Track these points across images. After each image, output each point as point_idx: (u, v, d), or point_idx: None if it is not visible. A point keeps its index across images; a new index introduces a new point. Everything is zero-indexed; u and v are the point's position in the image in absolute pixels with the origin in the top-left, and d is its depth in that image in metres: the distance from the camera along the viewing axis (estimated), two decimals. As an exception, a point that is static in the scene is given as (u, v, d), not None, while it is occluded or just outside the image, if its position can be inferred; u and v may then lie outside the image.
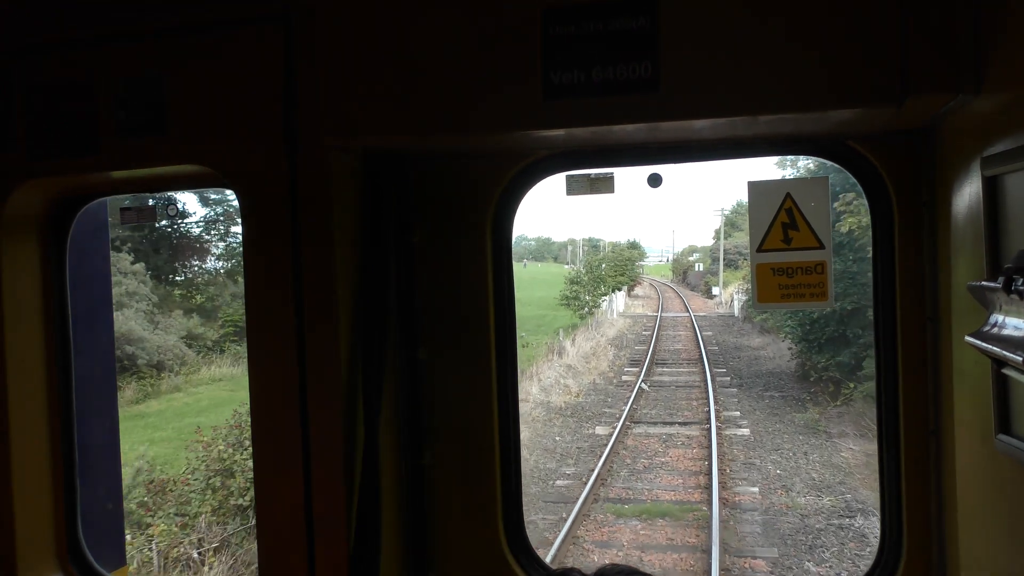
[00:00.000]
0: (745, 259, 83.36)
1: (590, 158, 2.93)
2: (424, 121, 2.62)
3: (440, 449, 3.08)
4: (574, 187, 2.95)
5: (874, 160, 2.69)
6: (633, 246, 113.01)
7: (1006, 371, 1.74)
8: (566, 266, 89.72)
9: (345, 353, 2.72)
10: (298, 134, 2.68)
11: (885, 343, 2.75)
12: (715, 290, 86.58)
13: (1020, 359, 1.48)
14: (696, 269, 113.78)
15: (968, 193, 2.23)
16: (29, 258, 3.16)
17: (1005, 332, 1.66)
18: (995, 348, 1.65)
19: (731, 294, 78.32)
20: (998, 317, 1.73)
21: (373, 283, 2.81)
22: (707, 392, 30.18)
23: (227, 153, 2.78)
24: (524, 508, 3.19)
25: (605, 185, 2.93)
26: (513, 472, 3.10)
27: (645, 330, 53.45)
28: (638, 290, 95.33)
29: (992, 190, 2.03)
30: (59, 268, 3.27)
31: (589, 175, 2.96)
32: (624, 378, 34.33)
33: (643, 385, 31.48)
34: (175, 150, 2.82)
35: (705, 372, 34.07)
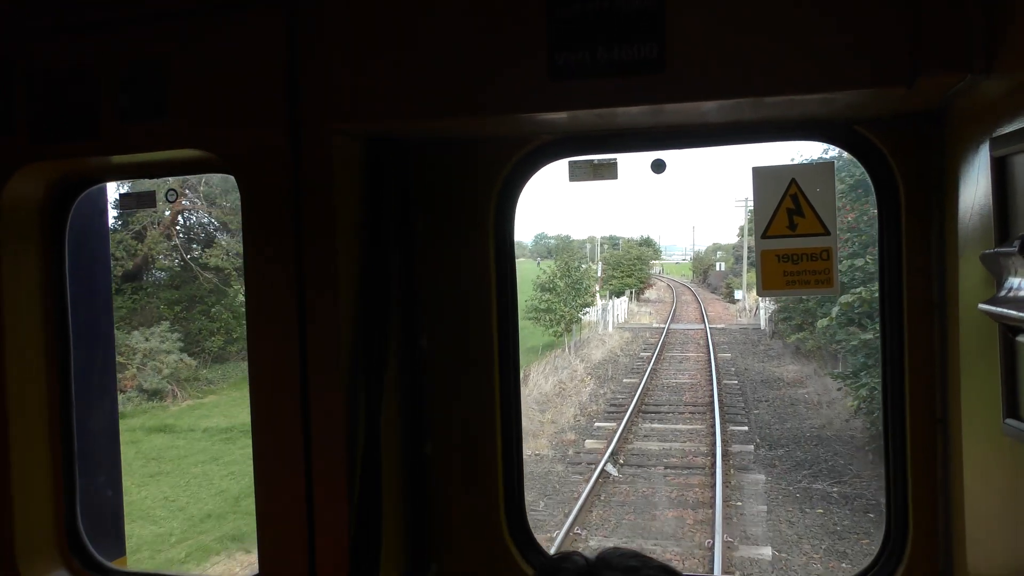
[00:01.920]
0: (773, 257, 71.20)
1: (594, 143, 2.93)
2: (427, 104, 2.60)
3: (442, 439, 3.07)
4: (577, 173, 2.97)
5: (881, 145, 2.67)
6: (646, 243, 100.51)
7: (1020, 339, 1.73)
8: (592, 264, 78.82)
9: (347, 342, 2.71)
10: (300, 118, 2.67)
11: (892, 331, 2.73)
12: (738, 294, 73.98)
13: None
14: (717, 269, 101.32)
15: (977, 177, 2.22)
16: (29, 243, 3.17)
17: (1022, 294, 1.64)
18: (1012, 311, 1.63)
19: (756, 299, 65.81)
20: (1014, 281, 1.73)
21: (375, 271, 2.81)
22: (714, 479, 18.19)
23: (228, 138, 2.77)
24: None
25: (608, 171, 2.95)
26: (515, 462, 3.09)
27: (645, 350, 41.29)
28: (649, 293, 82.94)
29: (1001, 171, 2.04)
30: (59, 253, 3.26)
31: (592, 161, 2.96)
32: (588, 444, 22.35)
33: (610, 467, 19.34)
34: (176, 135, 2.82)
35: (715, 434, 22.02)
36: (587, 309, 44.87)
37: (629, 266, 77.69)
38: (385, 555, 2.74)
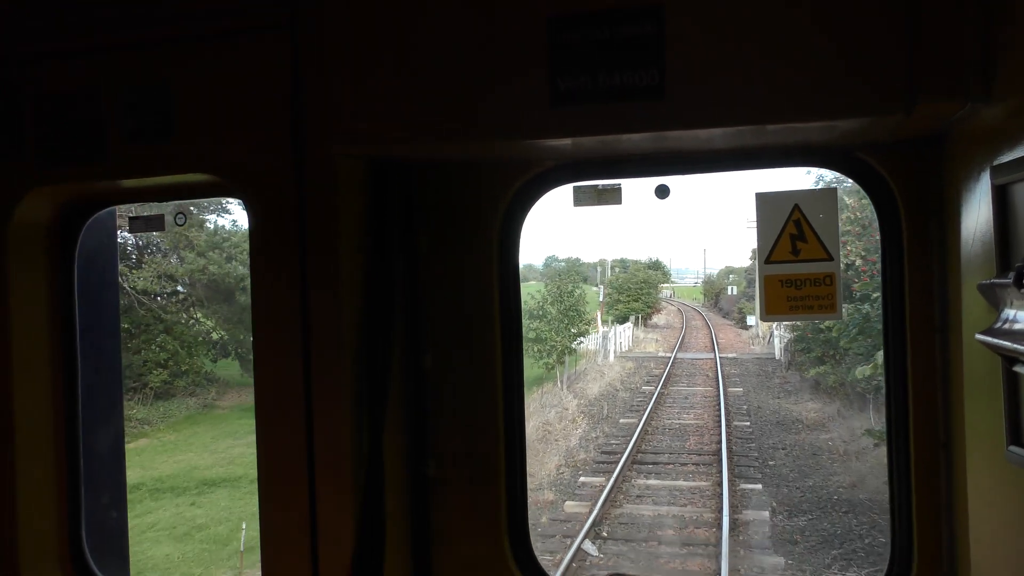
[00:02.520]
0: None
1: (597, 169, 2.96)
2: (430, 128, 2.65)
3: (445, 459, 3.08)
4: (581, 198, 3.01)
5: (882, 171, 2.70)
6: (654, 266, 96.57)
7: (1017, 368, 1.73)
8: (594, 288, 75.69)
9: (351, 362, 2.74)
10: (305, 142, 2.71)
11: (895, 354, 2.75)
12: (750, 319, 69.90)
13: None
14: (729, 293, 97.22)
15: (978, 202, 2.25)
16: (38, 265, 3.22)
17: (1017, 327, 1.65)
18: (1006, 343, 1.64)
19: (769, 326, 61.81)
20: (1009, 312, 1.72)
21: (379, 292, 2.85)
22: (719, 563, 14.30)
23: (235, 161, 2.82)
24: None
25: (612, 196, 2.98)
26: (519, 483, 3.10)
27: (647, 383, 37.40)
28: (657, 318, 78.91)
29: (1002, 199, 2.05)
30: (67, 276, 3.32)
31: (596, 186, 2.99)
32: (568, 507, 18.52)
33: (588, 545, 15.47)
34: (183, 158, 2.87)
35: (723, 495, 18.14)
36: (582, 338, 40.96)
37: (636, 290, 73.65)
38: (388, 570, 2.78)
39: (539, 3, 2.48)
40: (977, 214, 2.23)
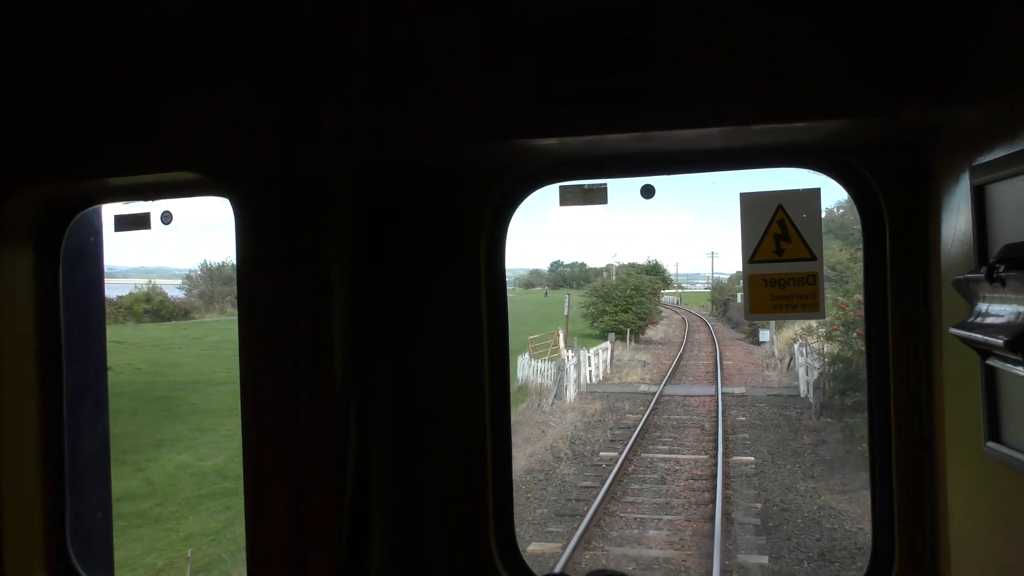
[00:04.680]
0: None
1: (584, 169, 2.97)
2: (420, 129, 2.66)
3: (432, 461, 3.08)
4: (568, 198, 3.02)
5: (866, 172, 2.73)
6: (653, 270, 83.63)
7: (991, 362, 1.74)
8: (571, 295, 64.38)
9: (339, 363, 2.75)
10: (294, 143, 2.72)
11: (877, 354, 2.78)
12: (763, 335, 57.03)
13: (1001, 341, 1.48)
14: (738, 300, 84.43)
15: (959, 204, 2.29)
16: (23, 265, 3.25)
17: (988, 320, 1.68)
18: (978, 336, 1.65)
19: (789, 343, 49.05)
20: (982, 306, 1.75)
21: (367, 293, 2.86)
22: None
23: (222, 161, 2.82)
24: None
25: (598, 196, 3.00)
26: (505, 484, 3.10)
27: (609, 444, 24.98)
28: (654, 331, 66.11)
29: (981, 199, 2.09)
30: (53, 275, 3.35)
31: (583, 186, 3.00)
32: None
33: None
34: (170, 157, 2.88)
35: None
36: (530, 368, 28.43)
37: (625, 299, 61.13)
38: (374, 570, 2.78)
39: (532, 6, 2.53)
40: (957, 215, 2.30)
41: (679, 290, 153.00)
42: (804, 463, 22.13)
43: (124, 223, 3.36)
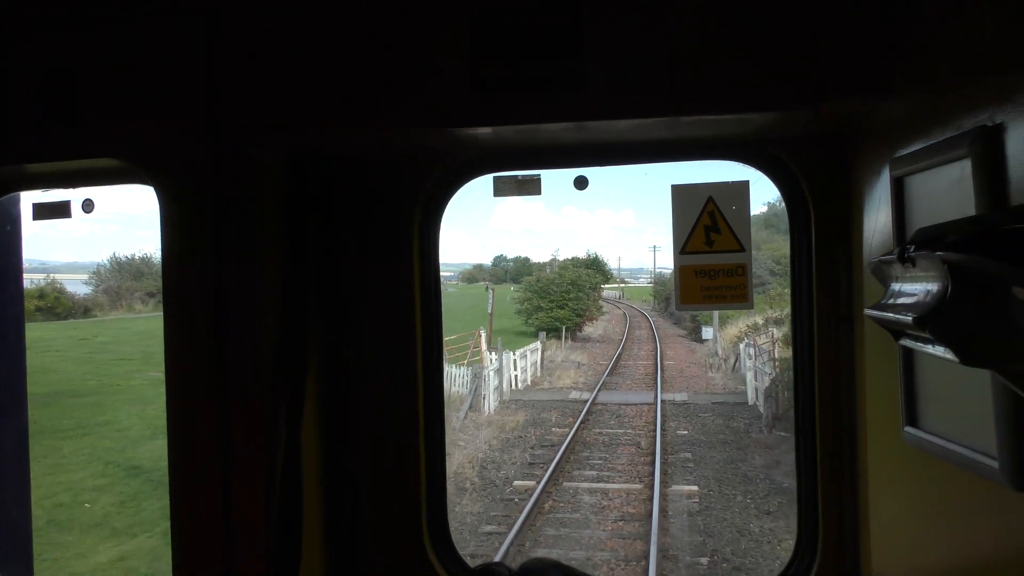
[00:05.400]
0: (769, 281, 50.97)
1: (518, 159, 2.98)
2: (349, 114, 2.61)
3: (365, 454, 3.05)
4: (501, 188, 3.00)
5: (792, 165, 2.79)
6: (592, 264, 79.88)
7: (904, 342, 1.74)
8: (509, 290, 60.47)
9: (269, 357, 2.69)
10: (221, 131, 2.64)
11: (802, 343, 2.83)
12: (706, 332, 53.82)
13: (909, 319, 1.53)
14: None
15: (879, 196, 2.36)
16: None
17: (900, 300, 1.72)
18: (891, 315, 1.70)
19: (734, 341, 45.74)
20: (895, 287, 1.78)
21: (297, 286, 2.78)
22: None
23: (146, 147, 2.73)
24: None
25: (532, 187, 2.98)
26: (438, 473, 3.09)
27: (527, 469, 20.90)
28: (590, 328, 62.35)
29: (900, 190, 2.17)
30: None
31: (516, 176, 3.00)
32: None
33: None
34: (91, 143, 2.78)
35: None
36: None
37: (561, 294, 57.19)
38: (305, 569, 2.72)
39: None
40: (878, 205, 2.37)
41: (622, 285, 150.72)
42: (758, 493, 18.35)
43: (43, 211, 3.25)
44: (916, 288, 1.64)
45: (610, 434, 24.52)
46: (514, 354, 33.05)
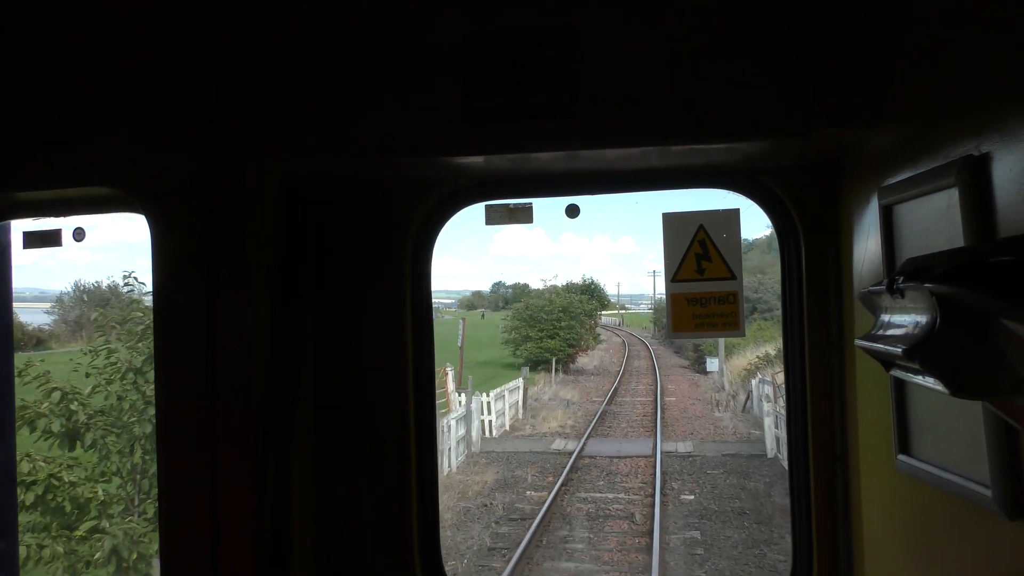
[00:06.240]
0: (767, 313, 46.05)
1: (510, 188, 2.97)
2: (344, 144, 2.62)
3: (357, 479, 3.02)
4: (493, 216, 3.00)
5: (782, 194, 2.80)
6: (587, 289, 74.78)
7: (894, 372, 1.73)
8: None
9: (259, 387, 2.67)
10: (215, 155, 2.64)
11: (794, 371, 2.84)
12: (711, 363, 48.77)
13: (899, 350, 1.52)
14: (681, 322, 76.23)
15: (868, 225, 2.37)
16: None
17: (890, 331, 1.71)
18: (880, 346, 1.69)
19: (743, 375, 40.66)
20: (885, 317, 1.77)
21: (290, 314, 2.76)
22: None
23: (139, 175, 2.71)
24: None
25: (523, 215, 2.98)
26: (430, 501, 3.05)
27: (478, 569, 15.71)
28: (585, 359, 57.23)
29: (888, 218, 2.17)
30: None
31: (508, 205, 3.00)
32: None
33: None
34: (84, 171, 2.77)
35: None
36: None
37: (552, 322, 52.12)
38: None
39: (455, 22, 2.52)
40: (868, 235, 2.36)
41: (622, 311, 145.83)
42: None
43: (33, 240, 3.21)
44: (905, 319, 1.65)
45: (597, 500, 19.52)
46: (487, 396, 28.00)
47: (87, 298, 72.12)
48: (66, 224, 3.13)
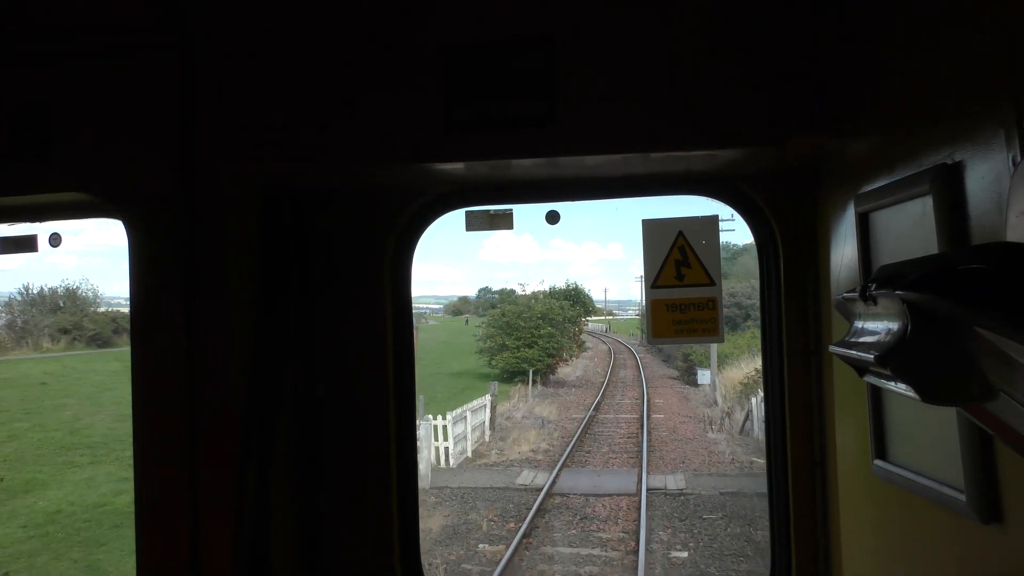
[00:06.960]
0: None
1: (490, 194, 2.99)
2: (324, 152, 2.62)
3: (337, 486, 3.01)
4: (474, 223, 3.01)
5: (760, 201, 2.82)
6: (572, 295, 70.54)
7: (868, 379, 1.73)
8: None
9: (240, 391, 2.66)
10: (194, 162, 2.63)
11: (772, 378, 2.86)
12: (702, 375, 44.73)
13: (871, 357, 1.54)
14: (669, 330, 72.23)
15: (845, 232, 2.38)
16: None
17: (863, 338, 1.72)
18: (854, 353, 1.70)
19: (738, 389, 36.65)
20: (858, 324, 1.79)
21: (270, 323, 2.75)
22: None
23: (117, 181, 2.69)
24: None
25: (504, 221, 3.01)
26: (411, 509, 3.07)
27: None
28: (566, 369, 53.12)
29: (865, 226, 2.20)
30: None
31: (489, 211, 3.01)
32: None
33: None
34: (61, 177, 2.74)
35: None
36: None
37: (530, 330, 47.90)
38: None
39: (435, 31, 2.54)
40: (845, 242, 2.37)
41: (609, 317, 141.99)
42: None
43: (8, 245, 3.19)
44: (878, 326, 1.67)
45: (566, 560, 15.38)
46: (442, 419, 23.80)
47: (33, 304, 67.41)
48: (43, 229, 3.12)
